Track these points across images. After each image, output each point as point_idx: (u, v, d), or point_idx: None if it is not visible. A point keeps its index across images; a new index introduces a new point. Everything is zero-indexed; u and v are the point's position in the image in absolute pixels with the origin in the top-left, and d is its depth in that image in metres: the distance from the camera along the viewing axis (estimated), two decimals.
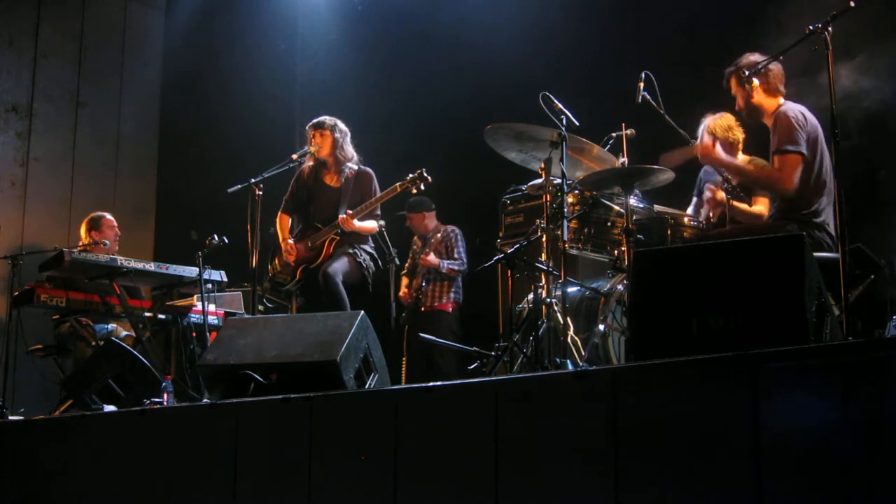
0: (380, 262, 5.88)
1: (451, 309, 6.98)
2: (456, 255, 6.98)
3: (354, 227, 5.59)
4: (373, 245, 5.84)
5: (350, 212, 5.57)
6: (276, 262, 5.92)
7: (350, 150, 5.77)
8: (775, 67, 4.37)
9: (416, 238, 7.23)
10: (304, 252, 5.70)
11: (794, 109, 4.33)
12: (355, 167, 5.77)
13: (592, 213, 4.88)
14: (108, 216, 6.85)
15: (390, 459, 3.16)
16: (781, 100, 4.44)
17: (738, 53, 4.57)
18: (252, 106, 8.80)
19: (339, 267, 5.47)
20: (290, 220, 5.93)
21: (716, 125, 4.87)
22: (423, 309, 6.97)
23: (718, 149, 4.54)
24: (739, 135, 4.97)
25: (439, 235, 7.02)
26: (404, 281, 7.14)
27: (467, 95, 7.29)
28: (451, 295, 7.02)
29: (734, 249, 3.05)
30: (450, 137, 7.34)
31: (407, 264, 7.24)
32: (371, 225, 5.73)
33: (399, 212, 7.10)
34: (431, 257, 6.90)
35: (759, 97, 4.44)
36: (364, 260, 5.65)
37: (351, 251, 5.61)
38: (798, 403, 2.39)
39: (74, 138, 8.79)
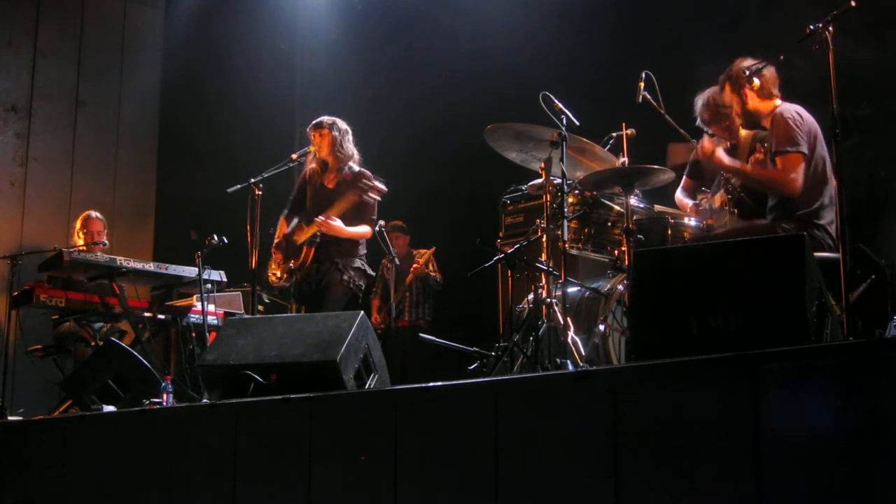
0: (369, 271, 5.69)
1: (423, 324, 7.51)
2: (435, 274, 7.62)
3: (337, 229, 5.43)
4: (364, 253, 5.64)
5: (323, 217, 5.41)
6: (272, 263, 5.86)
7: (350, 148, 5.63)
8: (768, 71, 4.33)
9: (385, 262, 7.26)
10: (295, 250, 5.64)
11: (791, 110, 4.29)
12: (356, 168, 5.61)
13: (592, 213, 4.88)
14: (94, 215, 6.82)
15: (390, 459, 3.16)
16: (777, 101, 4.40)
17: (737, 52, 4.54)
18: (252, 106, 8.79)
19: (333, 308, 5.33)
20: (293, 223, 5.78)
21: (719, 99, 4.53)
22: (400, 324, 7.49)
23: (720, 151, 4.46)
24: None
25: (416, 255, 7.66)
26: (375, 303, 7.60)
27: (468, 95, 7.29)
28: (427, 310, 7.67)
29: (734, 249, 3.05)
30: (450, 137, 7.33)
31: (376, 288, 7.42)
32: (363, 230, 5.54)
33: (390, 223, 7.12)
34: (420, 268, 7.51)
35: (755, 102, 4.38)
36: (353, 281, 5.51)
37: (341, 278, 5.46)
38: (798, 403, 2.39)
39: (74, 138, 8.78)
